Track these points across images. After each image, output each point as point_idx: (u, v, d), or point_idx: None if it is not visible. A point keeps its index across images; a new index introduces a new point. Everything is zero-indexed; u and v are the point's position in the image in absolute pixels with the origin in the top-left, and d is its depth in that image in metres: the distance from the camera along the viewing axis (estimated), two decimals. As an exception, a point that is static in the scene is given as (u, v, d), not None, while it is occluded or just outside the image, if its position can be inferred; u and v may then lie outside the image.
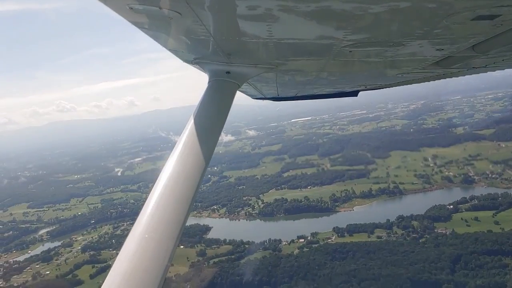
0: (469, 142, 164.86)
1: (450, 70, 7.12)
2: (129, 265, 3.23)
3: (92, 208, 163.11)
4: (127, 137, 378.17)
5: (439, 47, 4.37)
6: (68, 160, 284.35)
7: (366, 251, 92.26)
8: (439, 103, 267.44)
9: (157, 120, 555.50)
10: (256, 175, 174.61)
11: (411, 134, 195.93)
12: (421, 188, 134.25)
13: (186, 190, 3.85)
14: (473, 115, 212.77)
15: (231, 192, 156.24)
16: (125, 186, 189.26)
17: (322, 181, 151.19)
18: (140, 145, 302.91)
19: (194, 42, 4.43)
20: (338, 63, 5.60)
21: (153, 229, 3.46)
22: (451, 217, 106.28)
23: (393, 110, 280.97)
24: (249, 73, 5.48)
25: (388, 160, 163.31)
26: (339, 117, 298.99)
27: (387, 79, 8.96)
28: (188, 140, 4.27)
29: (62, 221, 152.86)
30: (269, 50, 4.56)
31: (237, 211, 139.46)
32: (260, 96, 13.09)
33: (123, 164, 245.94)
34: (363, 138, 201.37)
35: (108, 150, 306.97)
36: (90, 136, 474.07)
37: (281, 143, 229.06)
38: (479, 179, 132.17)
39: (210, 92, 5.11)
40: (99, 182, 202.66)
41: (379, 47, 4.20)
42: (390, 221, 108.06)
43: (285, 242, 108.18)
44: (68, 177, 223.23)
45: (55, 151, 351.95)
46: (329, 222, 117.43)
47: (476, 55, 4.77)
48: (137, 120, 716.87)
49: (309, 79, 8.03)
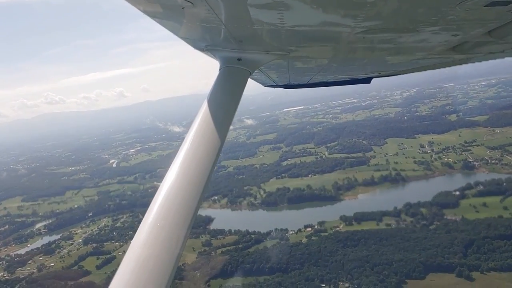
0: (463, 129, 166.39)
1: (466, 56, 6.86)
2: (142, 253, 3.26)
3: (89, 201, 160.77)
4: (119, 128, 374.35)
5: (454, 32, 4.29)
6: (61, 152, 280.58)
7: (378, 238, 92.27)
8: (432, 90, 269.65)
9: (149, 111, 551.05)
10: (254, 164, 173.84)
11: (406, 121, 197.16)
12: (423, 175, 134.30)
13: (199, 177, 3.83)
14: (466, 102, 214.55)
15: (231, 182, 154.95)
16: (122, 177, 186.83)
17: (322, 169, 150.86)
18: (134, 136, 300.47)
19: (205, 30, 4.43)
20: (351, 50, 5.59)
21: (165, 218, 3.48)
22: (459, 203, 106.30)
23: (385, 98, 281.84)
24: (260, 60, 5.40)
25: (385, 147, 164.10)
26: (331, 105, 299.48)
27: (401, 65, 8.90)
28: (200, 127, 4.21)
29: (58, 214, 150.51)
30: (281, 37, 4.53)
31: (238, 201, 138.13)
32: (272, 83, 13.00)
33: (117, 155, 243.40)
34: (358, 126, 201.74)
35: (101, 142, 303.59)
36: (81, 128, 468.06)
37: (276, 132, 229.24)
38: (479, 165, 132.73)
39: (221, 79, 5.02)
40: (94, 174, 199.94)
41: (392, 33, 4.10)
42: (398, 209, 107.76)
43: (292, 231, 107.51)
44: (62, 170, 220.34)
45: (46, 143, 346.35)
46: (334, 211, 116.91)
47: (493, 40, 4.60)
48: (128, 111, 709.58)
49: (321, 66, 7.97)
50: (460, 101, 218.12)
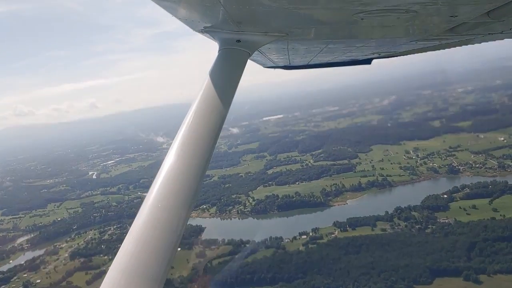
0: (448, 134, 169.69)
1: (465, 37, 6.99)
2: (143, 233, 3.28)
3: (72, 213, 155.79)
4: (93, 140, 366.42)
5: (453, 13, 4.34)
6: (36, 164, 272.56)
7: (379, 244, 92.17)
8: (411, 97, 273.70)
9: (123, 122, 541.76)
10: (239, 173, 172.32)
11: (389, 128, 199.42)
12: (409, 180, 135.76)
13: (199, 158, 3.88)
14: (447, 108, 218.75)
15: (218, 191, 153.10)
16: (104, 188, 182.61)
17: (309, 176, 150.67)
18: (110, 147, 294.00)
19: (204, 11, 4.45)
20: (351, 31, 5.60)
21: (166, 198, 3.51)
22: (449, 206, 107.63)
23: (366, 106, 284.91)
24: (260, 41, 5.39)
25: (371, 154, 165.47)
26: (311, 114, 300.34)
27: (401, 46, 8.92)
28: (200, 108, 4.27)
29: (41, 228, 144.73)
30: (280, 18, 4.53)
31: (228, 209, 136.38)
32: (271, 64, 13.03)
33: (95, 167, 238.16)
34: (341, 133, 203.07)
35: (76, 154, 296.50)
36: (53, 140, 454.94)
37: (258, 141, 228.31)
38: (463, 169, 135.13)
39: (220, 61, 5.02)
40: (75, 186, 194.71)
41: (391, 14, 4.08)
42: (390, 213, 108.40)
43: (287, 239, 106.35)
44: (41, 182, 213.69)
45: (18, 156, 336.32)
46: (326, 217, 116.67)
47: (492, 21, 4.64)
48: (101, 123, 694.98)
49: (321, 47, 7.97)
50: (441, 108, 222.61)
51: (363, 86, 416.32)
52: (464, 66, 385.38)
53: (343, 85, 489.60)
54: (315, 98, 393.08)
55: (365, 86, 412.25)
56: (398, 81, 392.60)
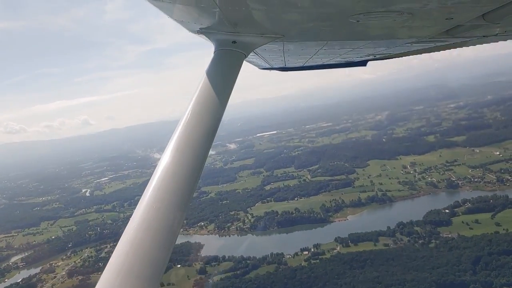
0: (443, 149, 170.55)
1: (461, 39, 7.04)
2: (138, 234, 3.28)
3: (67, 231, 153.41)
4: (86, 157, 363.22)
5: (448, 15, 4.36)
6: (28, 182, 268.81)
7: (384, 258, 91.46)
8: (404, 113, 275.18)
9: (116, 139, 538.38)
10: (236, 189, 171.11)
11: (385, 143, 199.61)
12: (408, 195, 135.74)
13: (195, 158, 3.90)
14: (440, 123, 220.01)
15: (216, 208, 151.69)
16: (99, 206, 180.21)
17: (308, 192, 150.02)
18: (103, 164, 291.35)
19: (199, 12, 4.47)
20: (346, 33, 5.61)
21: (162, 199, 3.50)
22: (451, 221, 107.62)
23: (359, 122, 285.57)
24: (255, 42, 5.39)
25: (368, 169, 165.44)
26: (305, 130, 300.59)
27: (396, 48, 8.93)
28: (195, 109, 4.28)
29: (35, 246, 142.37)
30: (276, 20, 4.58)
31: (226, 226, 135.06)
32: (267, 66, 12.94)
33: (89, 184, 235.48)
34: (337, 149, 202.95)
35: (69, 171, 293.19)
36: (45, 157, 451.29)
37: (253, 157, 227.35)
38: (463, 183, 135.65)
39: (216, 62, 5.03)
40: (68, 203, 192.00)
41: (387, 16, 4.10)
42: (392, 228, 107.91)
43: (288, 255, 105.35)
44: (33, 200, 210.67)
45: (9, 174, 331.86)
46: (326, 233, 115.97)
47: (486, 24, 4.66)
48: (93, 139, 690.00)
49: (316, 48, 7.91)
50: (434, 123, 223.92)
51: (355, 102, 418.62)
52: (455, 82, 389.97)
53: (335, 101, 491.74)
54: (307, 114, 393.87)
55: (357, 102, 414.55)
56: (390, 97, 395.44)
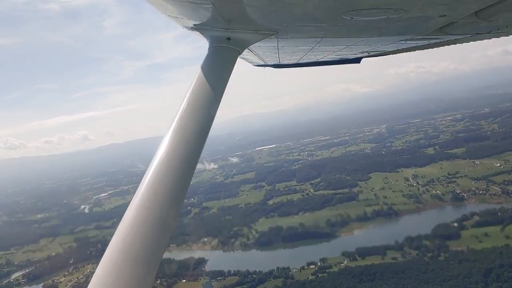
0: (444, 161, 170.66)
1: (454, 37, 7.12)
2: (131, 232, 3.27)
3: (67, 248, 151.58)
4: (85, 172, 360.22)
5: (442, 13, 4.43)
6: (25, 199, 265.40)
7: (394, 271, 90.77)
8: (401, 126, 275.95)
9: (115, 154, 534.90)
10: (239, 204, 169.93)
11: (385, 156, 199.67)
12: (415, 208, 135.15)
13: (188, 157, 3.90)
14: (438, 135, 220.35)
15: (219, 223, 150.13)
16: (98, 223, 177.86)
17: (312, 207, 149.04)
18: (103, 180, 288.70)
19: (194, 9, 4.47)
20: (340, 30, 5.61)
21: (155, 197, 3.48)
22: (460, 234, 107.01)
23: (357, 135, 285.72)
24: (250, 39, 5.42)
25: (371, 182, 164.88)
26: (303, 143, 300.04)
27: (390, 45, 8.99)
28: (189, 106, 4.28)
29: (36, 263, 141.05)
30: (270, 16, 4.59)
31: (230, 241, 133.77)
32: (261, 62, 13.06)
33: (88, 200, 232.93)
34: (337, 162, 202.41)
35: (67, 187, 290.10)
36: (43, 173, 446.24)
37: (254, 171, 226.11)
38: (468, 196, 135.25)
39: (210, 59, 5.03)
40: (67, 220, 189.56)
41: (380, 13, 4.15)
42: (399, 242, 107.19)
43: (294, 269, 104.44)
44: (31, 217, 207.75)
45: (7, 190, 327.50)
46: (333, 247, 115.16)
47: (479, 21, 4.76)
48: (93, 155, 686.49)
49: (310, 46, 8.04)
50: (432, 135, 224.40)
51: (353, 116, 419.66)
52: (452, 95, 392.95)
53: (332, 115, 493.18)
54: (305, 128, 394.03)
55: (354, 115, 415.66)
56: (386, 111, 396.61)
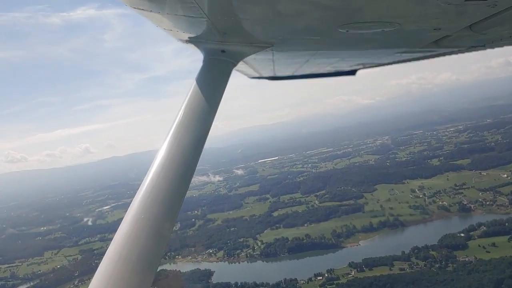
0: (449, 172, 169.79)
1: (449, 49, 7.13)
2: (126, 245, 3.27)
3: (72, 260, 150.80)
4: (87, 185, 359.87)
5: (436, 27, 4.46)
6: (28, 211, 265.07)
7: (403, 283, 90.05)
8: (404, 137, 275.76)
9: (117, 167, 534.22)
10: (243, 216, 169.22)
11: (389, 167, 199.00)
12: (421, 219, 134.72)
13: (183, 169, 3.90)
14: (442, 147, 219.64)
15: (223, 235, 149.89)
16: (102, 235, 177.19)
17: (318, 218, 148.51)
18: (105, 193, 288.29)
19: (188, 22, 4.44)
20: (335, 42, 5.63)
21: (150, 209, 3.50)
22: (467, 245, 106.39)
23: (360, 147, 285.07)
24: (245, 51, 5.43)
25: (376, 194, 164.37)
26: (307, 155, 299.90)
27: (386, 58, 9.00)
28: (184, 118, 4.29)
29: (41, 276, 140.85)
30: (265, 29, 4.63)
31: (236, 253, 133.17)
32: (256, 75, 12.91)
33: (91, 213, 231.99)
34: (342, 174, 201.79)
35: (69, 200, 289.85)
36: (45, 186, 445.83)
37: (257, 183, 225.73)
38: (475, 207, 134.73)
39: (205, 71, 5.06)
40: (71, 233, 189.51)
41: (375, 27, 4.16)
42: (406, 253, 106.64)
43: (302, 280, 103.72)
44: (34, 230, 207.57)
45: (9, 203, 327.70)
46: (339, 258, 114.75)
47: (474, 34, 4.78)
48: (95, 168, 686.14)
49: (306, 58, 7.99)
50: (436, 147, 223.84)
51: (355, 127, 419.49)
52: (453, 107, 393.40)
53: (334, 127, 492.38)
54: (307, 140, 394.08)
55: (356, 127, 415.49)
56: (388, 122, 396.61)
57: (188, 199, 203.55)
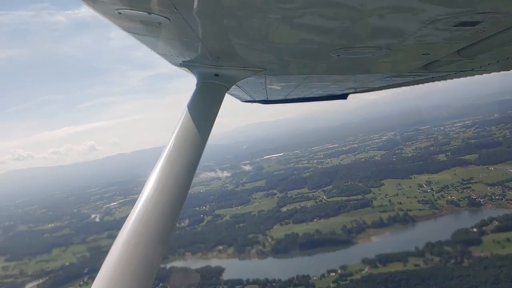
0: (457, 167, 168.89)
1: (438, 74, 7.28)
2: (116, 269, 3.32)
3: (80, 257, 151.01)
4: (93, 182, 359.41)
5: (425, 52, 4.55)
6: (36, 208, 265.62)
7: (419, 278, 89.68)
8: (410, 133, 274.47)
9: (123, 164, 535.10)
10: (252, 212, 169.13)
11: (396, 163, 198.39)
12: (431, 214, 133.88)
13: (176, 193, 3.92)
14: (449, 142, 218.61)
15: (233, 231, 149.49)
16: (110, 232, 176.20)
17: (327, 213, 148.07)
18: (112, 189, 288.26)
19: (182, 46, 4.55)
20: (327, 67, 5.75)
21: (141, 234, 3.54)
22: (481, 240, 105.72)
23: (365, 142, 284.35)
24: (238, 75, 5.48)
25: (384, 189, 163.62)
26: (312, 151, 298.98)
27: (376, 82, 9.18)
28: (177, 143, 4.32)
29: (49, 273, 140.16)
30: (258, 54, 4.70)
31: (246, 249, 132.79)
32: (249, 98, 13.10)
33: (98, 209, 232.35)
34: (348, 169, 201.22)
35: (77, 197, 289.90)
36: (51, 183, 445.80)
37: (264, 179, 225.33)
38: (484, 202, 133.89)
39: (198, 95, 5.10)
40: (79, 229, 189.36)
41: (365, 52, 4.28)
42: (420, 248, 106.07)
43: (314, 277, 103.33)
44: (42, 227, 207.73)
45: (16, 201, 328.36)
46: (351, 254, 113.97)
47: (462, 59, 4.90)
48: (100, 165, 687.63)
49: (298, 82, 8.14)
50: (443, 142, 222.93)
51: (359, 123, 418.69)
52: (459, 102, 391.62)
53: (339, 123, 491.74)
54: (312, 136, 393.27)
55: (360, 123, 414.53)
56: (393, 118, 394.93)
57: (195, 195, 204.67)
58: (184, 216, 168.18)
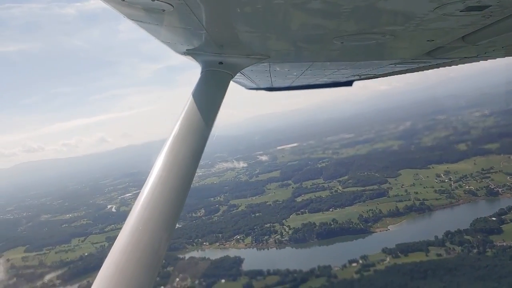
0: (477, 157, 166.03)
1: (442, 60, 7.23)
2: (123, 256, 3.33)
3: (99, 247, 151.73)
4: (106, 173, 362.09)
5: (429, 38, 4.52)
6: (51, 200, 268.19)
7: (445, 268, 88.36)
8: (427, 123, 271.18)
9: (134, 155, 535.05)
10: (267, 202, 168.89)
11: (414, 152, 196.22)
12: (448, 203, 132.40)
13: (180, 181, 3.94)
14: (469, 131, 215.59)
15: (249, 221, 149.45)
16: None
17: (342, 203, 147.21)
18: (126, 180, 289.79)
19: (186, 34, 4.54)
20: (331, 54, 5.75)
21: (147, 221, 3.56)
22: (502, 229, 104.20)
23: (382, 132, 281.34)
24: (242, 63, 5.48)
25: (400, 179, 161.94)
26: (326, 141, 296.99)
27: (380, 69, 9.11)
28: (181, 131, 4.33)
29: (69, 264, 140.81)
30: (262, 41, 4.71)
31: (264, 239, 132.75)
32: (254, 86, 13.08)
33: (113, 200, 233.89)
34: (364, 159, 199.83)
35: (91, 188, 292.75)
36: (64, 175, 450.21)
37: (278, 169, 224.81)
38: (503, 191, 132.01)
39: (202, 83, 5.07)
40: (96, 220, 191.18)
41: (370, 38, 4.28)
42: (439, 238, 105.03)
43: (336, 267, 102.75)
44: (60, 217, 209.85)
45: (29, 192, 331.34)
46: (370, 244, 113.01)
47: (466, 45, 4.86)
48: (112, 156, 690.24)
49: (302, 69, 8.14)
50: (462, 131, 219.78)
51: (374, 113, 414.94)
52: (474, 91, 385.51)
53: (353, 113, 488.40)
54: (326, 126, 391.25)
55: (376, 113, 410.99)
56: (409, 108, 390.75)
57: (208, 186, 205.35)
58: (199, 207, 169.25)
